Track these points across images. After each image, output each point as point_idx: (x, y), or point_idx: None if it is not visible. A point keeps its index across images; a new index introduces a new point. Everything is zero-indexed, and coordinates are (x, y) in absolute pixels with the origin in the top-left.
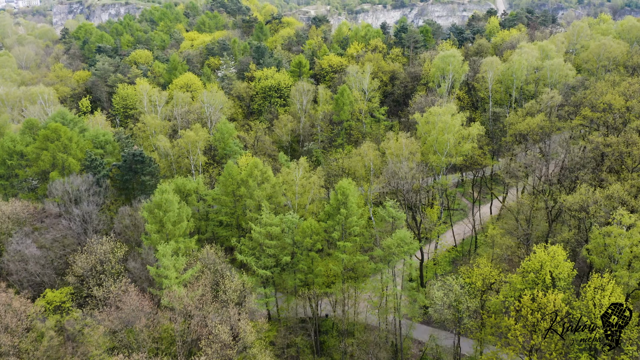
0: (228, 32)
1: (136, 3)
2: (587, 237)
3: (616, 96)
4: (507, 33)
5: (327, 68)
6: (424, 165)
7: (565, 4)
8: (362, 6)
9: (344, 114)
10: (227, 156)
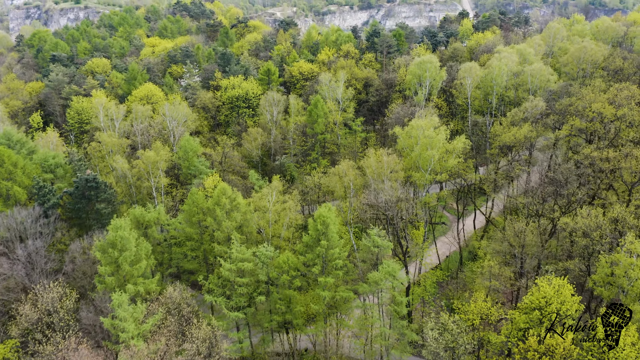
0: (191, 38)
1: (96, 7)
2: (588, 263)
3: (605, 104)
4: (482, 36)
5: (297, 75)
6: (407, 184)
7: (530, 3)
8: (328, 7)
9: (318, 127)
10: (191, 176)
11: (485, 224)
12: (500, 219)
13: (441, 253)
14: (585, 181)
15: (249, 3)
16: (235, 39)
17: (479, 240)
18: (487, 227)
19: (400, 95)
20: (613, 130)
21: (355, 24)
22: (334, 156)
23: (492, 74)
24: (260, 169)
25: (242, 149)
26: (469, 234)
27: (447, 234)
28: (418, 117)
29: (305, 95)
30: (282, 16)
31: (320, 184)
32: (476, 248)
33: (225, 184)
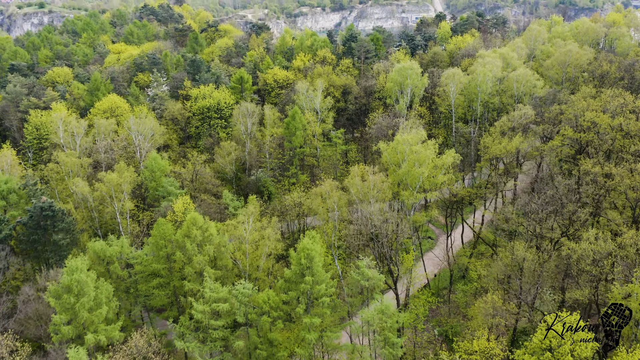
0: (159, 44)
1: (60, 11)
2: (596, 292)
3: (600, 114)
4: (461, 39)
5: (272, 83)
6: (394, 200)
7: (501, 3)
8: (300, 9)
9: (296, 140)
10: (160, 197)
11: (474, 238)
12: (490, 234)
13: (429, 271)
14: (587, 199)
15: (219, 5)
16: (206, 45)
17: (469, 257)
18: (476, 242)
19: (380, 103)
20: (610, 142)
21: (328, 26)
22: (314, 169)
23: (477, 81)
24: (235, 184)
25: (215, 164)
26: (457, 248)
27: (434, 249)
28: (403, 130)
29: (281, 104)
30: (254, 18)
31: (300, 203)
32: (466, 264)
33: (197, 213)
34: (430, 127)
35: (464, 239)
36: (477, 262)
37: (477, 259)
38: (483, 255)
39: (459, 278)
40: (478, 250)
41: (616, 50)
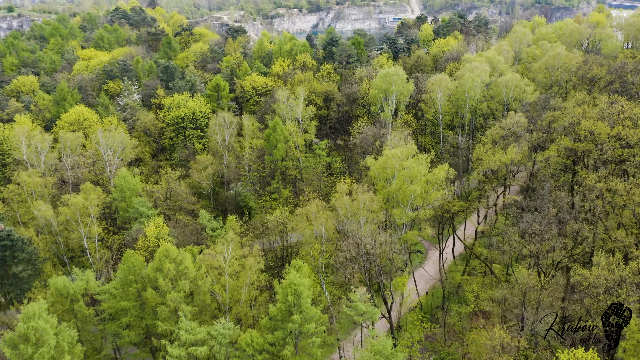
0: (130, 49)
1: (30, 15)
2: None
3: (598, 122)
4: (444, 42)
5: (250, 91)
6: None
7: (478, 3)
8: (277, 11)
9: (278, 153)
10: (132, 219)
11: (465, 251)
12: (484, 249)
13: (420, 288)
14: (592, 218)
15: (194, 7)
16: (180, 49)
17: (462, 273)
18: (469, 258)
19: (364, 110)
20: (610, 153)
21: (305, 27)
22: (297, 183)
23: (465, 87)
24: (213, 199)
25: (191, 179)
26: (448, 262)
27: (424, 264)
28: (390, 141)
29: (261, 113)
30: (229, 20)
31: (284, 223)
32: (459, 281)
33: (170, 245)
34: (416, 136)
35: (456, 251)
36: (470, 279)
37: (471, 276)
38: (476, 270)
39: (451, 295)
40: (471, 265)
41: (602, 52)
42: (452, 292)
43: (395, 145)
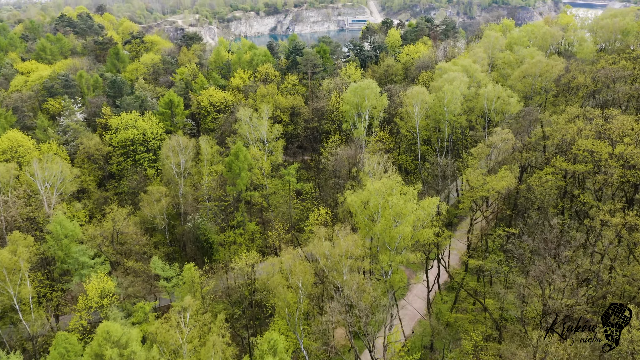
0: (74, 61)
1: None
2: None
3: (597, 142)
4: (414, 48)
5: (207, 107)
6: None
7: (436, 4)
8: (233, 14)
9: (241, 183)
10: (70, 272)
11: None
12: (473, 282)
13: (405, 323)
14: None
15: (146, 11)
16: (129, 61)
17: (451, 309)
18: (458, 293)
19: (334, 125)
20: (617, 176)
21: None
22: (264, 213)
23: (444, 101)
24: (168, 233)
25: (142, 212)
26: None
27: (407, 295)
28: (369, 166)
29: (220, 131)
30: (184, 24)
31: (252, 275)
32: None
33: (111, 323)
34: (393, 153)
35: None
36: (461, 317)
37: (460, 310)
38: (464, 300)
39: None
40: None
41: (577, 56)
42: (442, 325)
43: (373, 172)
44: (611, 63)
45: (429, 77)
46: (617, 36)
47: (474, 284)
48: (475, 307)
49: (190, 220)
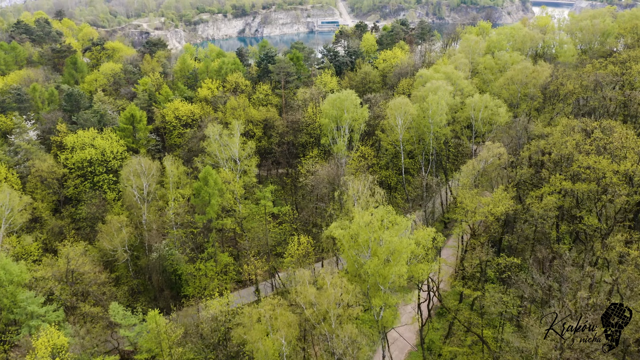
0: (28, 72)
1: None
2: None
3: (600, 159)
4: (390, 54)
5: (173, 121)
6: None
7: (405, 5)
8: (200, 16)
9: (212, 210)
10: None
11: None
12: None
13: (395, 356)
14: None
15: (110, 15)
16: (88, 70)
17: (445, 340)
18: (452, 323)
19: (312, 139)
20: (624, 197)
21: (231, 33)
22: (238, 242)
23: (429, 112)
24: (132, 265)
25: (101, 243)
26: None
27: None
28: (353, 190)
29: (187, 147)
30: (150, 28)
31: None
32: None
33: None
34: (375, 169)
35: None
36: (456, 349)
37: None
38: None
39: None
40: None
41: (558, 60)
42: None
43: (358, 196)
44: (598, 68)
45: (409, 85)
46: (597, 38)
47: (467, 311)
48: (469, 335)
49: (156, 250)
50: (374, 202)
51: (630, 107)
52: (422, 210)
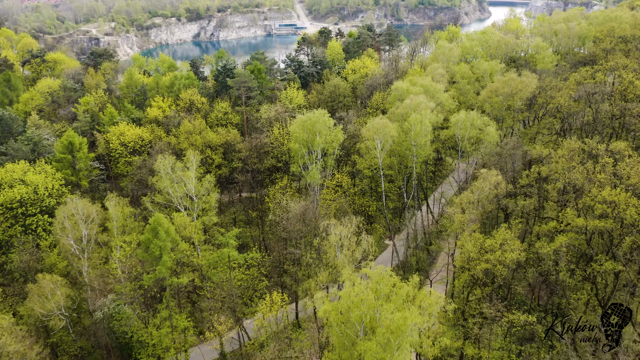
0: None
1: None
2: None
3: (618, 192)
4: (360, 64)
5: (118, 148)
6: None
7: (363, 7)
8: (152, 20)
9: (164, 267)
10: None
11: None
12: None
13: None
14: None
15: (57, 21)
16: (25, 87)
17: None
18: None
19: (279, 162)
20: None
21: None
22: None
23: (411, 134)
24: (72, 326)
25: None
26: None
27: None
28: (335, 236)
29: (135, 179)
30: (99, 33)
31: None
32: None
33: None
34: (352, 197)
35: None
36: None
37: None
38: None
39: None
40: None
41: (537, 67)
42: None
43: (341, 244)
44: (584, 77)
45: (383, 99)
46: (574, 42)
47: None
48: None
49: (100, 308)
50: (361, 251)
51: (625, 120)
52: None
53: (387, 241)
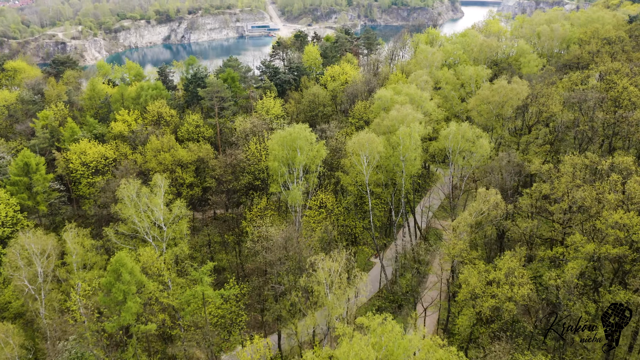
0: None
1: None
2: None
3: (633, 215)
4: (339, 70)
5: (80, 168)
6: None
7: (336, 7)
8: (121, 23)
9: (128, 313)
10: None
11: None
12: None
13: None
14: None
15: (22, 25)
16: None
17: None
18: None
19: (255, 180)
20: None
21: (156, 40)
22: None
23: (400, 148)
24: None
25: None
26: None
27: None
28: (323, 271)
29: (99, 202)
30: (66, 37)
31: None
32: None
33: None
34: (335, 217)
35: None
36: None
37: None
38: None
39: None
40: None
41: (522, 72)
42: None
43: (330, 283)
44: (575, 82)
45: (366, 108)
46: (558, 44)
47: None
48: None
49: (60, 353)
50: (353, 290)
51: (621, 128)
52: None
53: (373, 258)
